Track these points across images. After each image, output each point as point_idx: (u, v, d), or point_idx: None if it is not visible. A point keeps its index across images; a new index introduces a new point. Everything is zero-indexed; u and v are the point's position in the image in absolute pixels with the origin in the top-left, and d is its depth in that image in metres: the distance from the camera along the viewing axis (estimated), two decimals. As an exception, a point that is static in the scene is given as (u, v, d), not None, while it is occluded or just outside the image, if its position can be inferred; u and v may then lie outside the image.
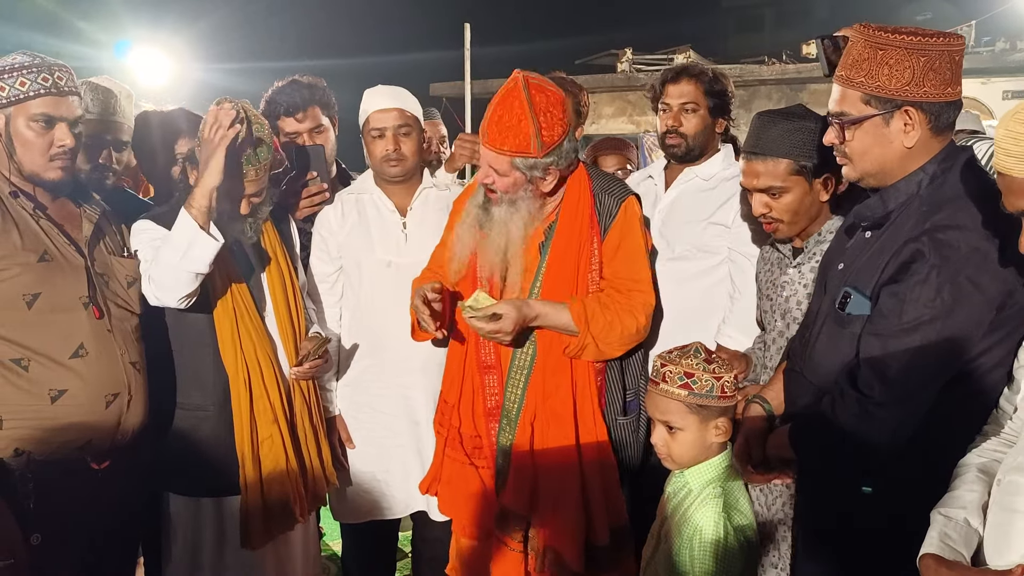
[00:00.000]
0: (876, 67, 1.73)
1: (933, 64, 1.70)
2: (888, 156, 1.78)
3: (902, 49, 1.70)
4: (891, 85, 1.72)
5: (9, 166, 2.14)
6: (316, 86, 3.08)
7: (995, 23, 11.06)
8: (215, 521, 2.49)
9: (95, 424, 2.16)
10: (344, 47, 18.15)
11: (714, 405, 1.92)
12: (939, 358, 1.67)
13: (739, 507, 1.95)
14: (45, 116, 2.12)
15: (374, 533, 3.00)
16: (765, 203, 2.22)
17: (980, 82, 10.00)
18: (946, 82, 1.71)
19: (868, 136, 1.78)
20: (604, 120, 11.13)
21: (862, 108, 1.77)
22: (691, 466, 2.00)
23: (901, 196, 1.78)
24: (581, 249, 2.41)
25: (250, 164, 2.38)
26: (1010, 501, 1.50)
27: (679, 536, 1.97)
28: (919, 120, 1.73)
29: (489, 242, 2.41)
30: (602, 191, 2.45)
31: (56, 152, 2.15)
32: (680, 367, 1.93)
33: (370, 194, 2.88)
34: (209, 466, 2.46)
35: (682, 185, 2.86)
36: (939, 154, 1.76)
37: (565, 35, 18.92)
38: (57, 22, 14.88)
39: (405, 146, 2.80)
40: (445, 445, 2.57)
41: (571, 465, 2.38)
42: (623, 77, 10.94)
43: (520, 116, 2.25)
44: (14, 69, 2.11)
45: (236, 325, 2.45)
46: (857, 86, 1.76)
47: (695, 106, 2.78)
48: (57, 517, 2.10)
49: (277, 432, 2.49)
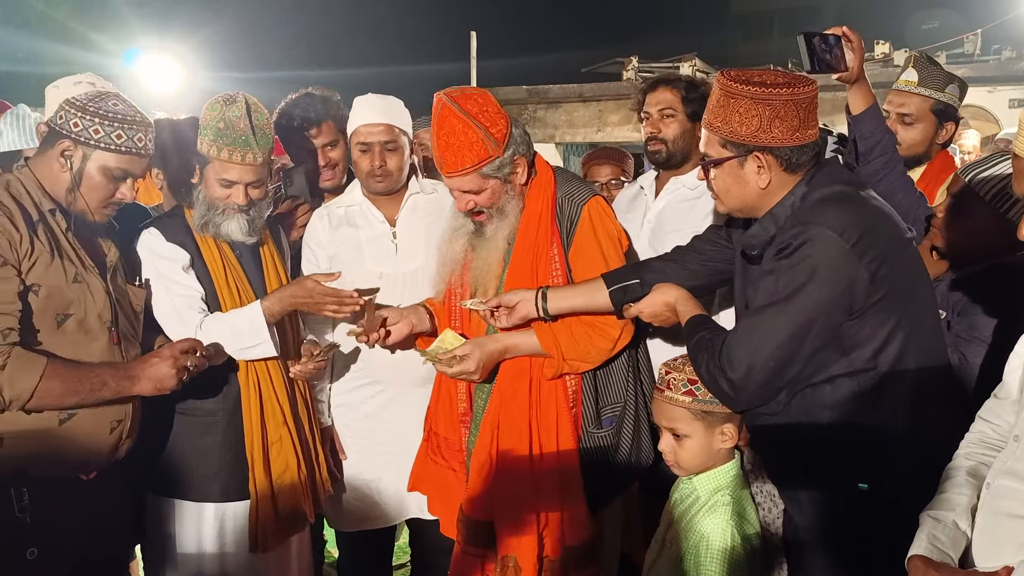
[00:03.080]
0: (729, 114, 1.84)
1: (778, 112, 1.80)
2: (747, 194, 1.91)
3: (749, 99, 1.82)
4: (742, 131, 1.83)
5: (65, 196, 2.13)
6: (330, 100, 3.08)
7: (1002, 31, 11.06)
8: (219, 527, 2.50)
9: (96, 449, 2.15)
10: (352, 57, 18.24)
11: (718, 411, 1.93)
12: (781, 339, 1.77)
13: (747, 516, 1.95)
14: (122, 172, 2.14)
15: (369, 541, 3.00)
16: None
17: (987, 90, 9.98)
18: (794, 128, 1.81)
19: (728, 176, 1.91)
20: (610, 128, 11.15)
21: (720, 151, 1.89)
22: (699, 472, 2.00)
23: (780, 220, 1.87)
24: (538, 258, 2.40)
25: (248, 147, 2.41)
26: (999, 504, 1.52)
27: (685, 542, 1.97)
28: (770, 163, 1.84)
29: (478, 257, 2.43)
30: (564, 197, 2.43)
31: (115, 202, 2.18)
32: (684, 374, 1.95)
33: (359, 205, 2.88)
34: (216, 472, 2.47)
35: (669, 195, 2.88)
36: (805, 176, 1.87)
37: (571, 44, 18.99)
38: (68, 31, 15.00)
39: (391, 161, 2.78)
40: (427, 447, 2.61)
41: (525, 473, 2.36)
42: (629, 85, 10.94)
43: (463, 129, 2.27)
44: (116, 118, 2.11)
45: None
46: (715, 130, 1.88)
47: (672, 111, 2.83)
48: (52, 530, 2.08)
49: (287, 434, 2.52)
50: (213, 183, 2.44)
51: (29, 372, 1.96)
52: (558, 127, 11.94)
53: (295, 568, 2.71)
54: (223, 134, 2.39)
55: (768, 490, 2.21)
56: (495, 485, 2.38)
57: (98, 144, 2.09)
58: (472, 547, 2.43)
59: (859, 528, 1.81)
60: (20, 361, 1.96)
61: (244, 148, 2.40)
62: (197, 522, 2.49)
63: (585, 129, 11.00)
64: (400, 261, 2.78)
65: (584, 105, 11.26)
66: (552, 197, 2.41)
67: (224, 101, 2.43)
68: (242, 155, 2.40)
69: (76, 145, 2.09)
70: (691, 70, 10.43)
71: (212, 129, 2.40)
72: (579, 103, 11.27)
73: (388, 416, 2.83)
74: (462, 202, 2.36)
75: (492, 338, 2.37)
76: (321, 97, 3.07)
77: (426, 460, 2.62)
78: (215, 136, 2.40)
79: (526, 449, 2.37)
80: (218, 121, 2.40)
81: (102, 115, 2.09)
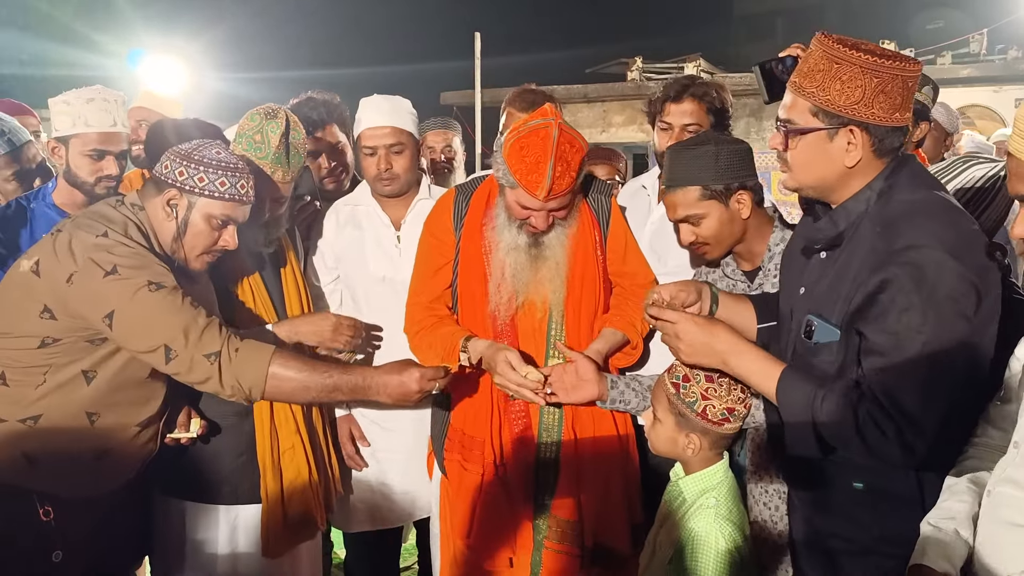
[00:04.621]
0: (828, 80, 1.68)
1: (885, 87, 1.66)
2: (828, 172, 1.75)
3: (856, 67, 1.66)
4: (840, 101, 1.68)
5: (171, 244, 2.14)
6: (331, 103, 3.09)
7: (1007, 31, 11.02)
8: (230, 529, 2.50)
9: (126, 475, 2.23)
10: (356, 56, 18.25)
11: (692, 419, 1.92)
12: (948, 378, 1.60)
13: (732, 518, 1.94)
14: (225, 218, 2.15)
15: (377, 542, 3.00)
16: (690, 231, 2.31)
17: (992, 90, 9.95)
18: (895, 106, 1.68)
19: (810, 149, 1.74)
20: (614, 129, 11.14)
21: (809, 119, 1.73)
22: (667, 457, 2.03)
23: (851, 215, 1.75)
24: (594, 251, 2.48)
25: (278, 165, 2.39)
26: (1000, 513, 1.51)
27: (672, 545, 1.97)
28: (862, 141, 1.70)
29: (543, 267, 2.42)
30: (592, 190, 2.54)
31: (216, 250, 2.19)
32: (685, 368, 1.95)
33: (366, 206, 2.88)
34: (228, 475, 2.47)
35: None
36: (885, 169, 1.74)
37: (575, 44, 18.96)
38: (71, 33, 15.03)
39: (397, 164, 2.78)
40: (482, 481, 2.49)
41: (614, 452, 2.46)
42: (633, 86, 10.93)
43: (576, 148, 2.29)
44: (220, 166, 2.12)
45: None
46: (808, 96, 1.72)
47: (698, 126, 2.71)
48: (75, 533, 2.11)
49: (299, 442, 2.50)
50: None
51: (257, 359, 2.02)
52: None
53: (307, 572, 2.70)
54: (258, 146, 2.36)
55: (775, 489, 2.21)
56: (585, 480, 2.45)
57: (202, 192, 2.10)
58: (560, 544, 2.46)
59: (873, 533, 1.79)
60: (248, 349, 2.02)
61: (275, 164, 2.38)
62: (207, 524, 2.49)
63: (589, 130, 10.98)
64: (403, 266, 2.75)
65: (588, 106, 11.24)
66: (579, 193, 2.48)
67: (265, 114, 2.39)
68: (271, 171, 2.38)
69: (181, 194, 2.10)
70: (695, 70, 10.42)
71: (247, 139, 2.37)
72: (583, 103, 11.25)
73: (393, 419, 2.83)
74: (545, 221, 2.35)
75: (596, 353, 2.42)
76: (323, 101, 3.07)
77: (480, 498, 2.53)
78: (248, 146, 2.37)
79: (611, 429, 2.47)
80: (255, 133, 2.37)
81: (207, 163, 2.11)
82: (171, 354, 1.97)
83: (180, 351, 1.96)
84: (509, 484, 2.47)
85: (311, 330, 2.46)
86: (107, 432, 2.12)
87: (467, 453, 2.53)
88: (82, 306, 1.96)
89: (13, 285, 2.03)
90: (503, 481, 2.47)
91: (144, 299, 1.95)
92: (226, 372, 1.98)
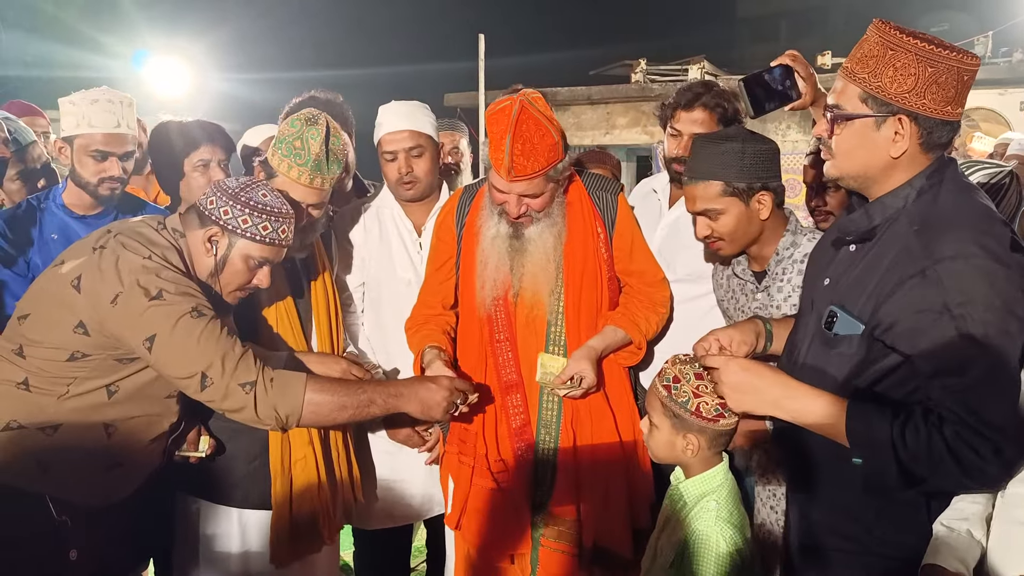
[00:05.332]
0: (882, 67, 1.64)
1: (939, 77, 1.61)
2: (872, 162, 1.71)
3: (912, 54, 1.61)
4: (891, 88, 1.63)
5: (207, 278, 2.16)
6: (333, 102, 3.10)
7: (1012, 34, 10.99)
8: (242, 532, 2.50)
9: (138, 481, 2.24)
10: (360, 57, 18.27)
11: (687, 419, 1.91)
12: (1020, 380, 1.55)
13: (734, 521, 1.93)
14: (263, 260, 2.17)
15: (386, 541, 3.01)
16: (707, 225, 2.28)
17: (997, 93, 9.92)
18: (948, 99, 1.63)
19: (856, 136, 1.70)
20: (618, 131, 11.12)
21: (857, 105, 1.69)
22: (667, 463, 2.02)
23: (888, 211, 1.71)
24: (595, 250, 2.47)
25: (318, 172, 2.38)
26: (1013, 513, 1.50)
27: (673, 548, 1.97)
28: (910, 132, 1.65)
29: (528, 261, 2.41)
30: (598, 189, 2.53)
31: (250, 287, 2.21)
32: (675, 370, 1.95)
33: (390, 209, 2.89)
34: (240, 479, 2.47)
35: (683, 207, 2.83)
36: (927, 168, 1.69)
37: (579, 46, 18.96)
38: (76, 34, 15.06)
39: (418, 167, 2.78)
40: (472, 475, 2.53)
41: (615, 457, 2.45)
42: (637, 88, 10.91)
43: (541, 133, 2.25)
44: (264, 209, 2.13)
45: (275, 343, 2.46)
46: (859, 82, 1.68)
47: None
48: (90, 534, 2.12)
49: (311, 454, 2.48)
50: None
51: (293, 387, 2.03)
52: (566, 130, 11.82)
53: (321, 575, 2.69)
54: (297, 153, 2.35)
55: (784, 493, 2.20)
56: (584, 478, 2.44)
57: (244, 234, 2.12)
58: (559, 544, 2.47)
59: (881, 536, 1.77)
60: (283, 378, 2.04)
61: (314, 172, 2.36)
62: (220, 524, 2.49)
63: (593, 132, 10.97)
64: (423, 268, 2.77)
65: (592, 108, 11.22)
66: (584, 190, 2.47)
67: (306, 120, 2.37)
68: (311, 178, 2.36)
69: (224, 232, 2.12)
70: (699, 72, 10.40)
71: (287, 145, 2.36)
72: (587, 105, 11.23)
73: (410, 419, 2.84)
74: (516, 207, 2.34)
75: (590, 348, 2.42)
76: (325, 100, 3.08)
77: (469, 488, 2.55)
78: (288, 152, 2.36)
79: (612, 431, 2.45)
80: (295, 139, 2.35)
81: (252, 206, 2.12)
82: (207, 382, 1.98)
83: (216, 379, 1.98)
84: (507, 479, 2.47)
85: (317, 371, 2.41)
86: (121, 445, 2.13)
87: (463, 447, 2.57)
88: (122, 328, 1.97)
89: (49, 295, 2.03)
90: (500, 476, 2.48)
91: (186, 326, 1.97)
92: (262, 402, 2.00)
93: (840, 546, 1.82)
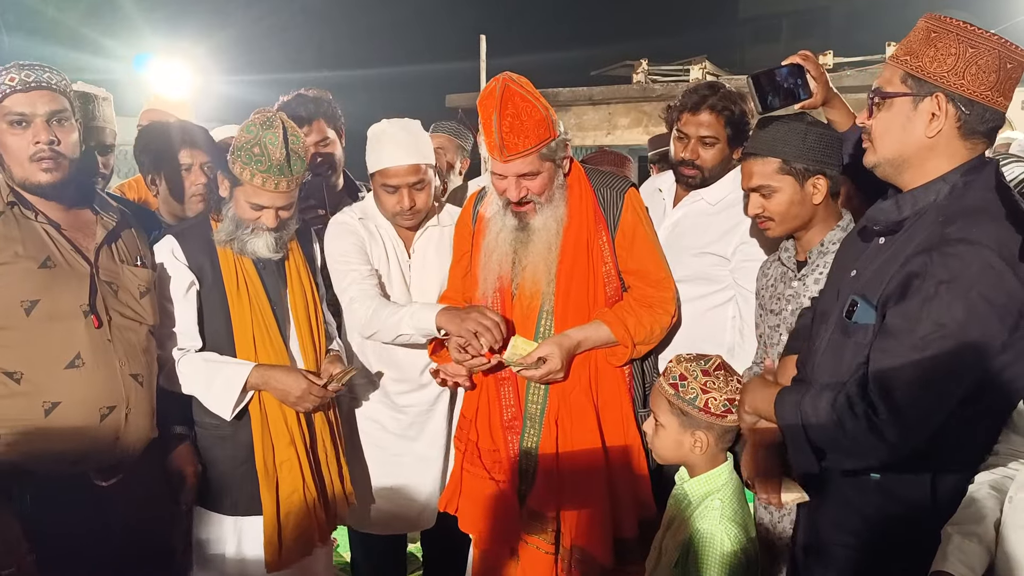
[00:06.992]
0: (923, 48, 1.67)
1: (979, 58, 1.62)
2: (907, 142, 1.71)
3: (953, 34, 1.64)
4: (931, 67, 1.65)
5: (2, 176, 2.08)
6: (321, 99, 3.10)
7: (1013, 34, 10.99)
8: (237, 538, 2.51)
9: (90, 437, 2.10)
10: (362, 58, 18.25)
11: (695, 416, 1.91)
12: (949, 377, 1.57)
13: (738, 520, 1.94)
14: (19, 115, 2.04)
15: (384, 543, 3.01)
16: (759, 203, 2.26)
17: (999, 91, 9.92)
18: (989, 83, 1.64)
19: (894, 117, 1.72)
20: (620, 131, 11.11)
21: (897, 86, 1.72)
22: (671, 463, 2.02)
23: (918, 204, 1.71)
24: (590, 244, 2.44)
25: (282, 175, 2.36)
26: (1021, 519, 1.49)
27: (677, 547, 1.97)
28: (947, 112, 1.66)
29: (531, 251, 2.41)
30: (602, 186, 2.49)
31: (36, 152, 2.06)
32: (680, 368, 1.95)
33: (383, 230, 2.84)
34: (229, 485, 2.47)
35: (687, 206, 2.81)
36: (963, 165, 1.68)
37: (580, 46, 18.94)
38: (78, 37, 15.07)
39: (420, 200, 2.71)
40: (463, 460, 2.57)
41: (596, 460, 2.42)
42: (639, 88, 10.91)
43: (527, 108, 2.26)
44: None
45: (255, 345, 2.45)
46: (900, 64, 1.72)
47: (715, 139, 2.67)
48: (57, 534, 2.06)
49: (294, 455, 2.46)
50: (243, 205, 2.39)
51: None
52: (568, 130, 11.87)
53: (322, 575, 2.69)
54: (257, 160, 2.32)
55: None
56: (565, 477, 2.42)
57: None
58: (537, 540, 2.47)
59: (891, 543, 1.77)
60: None
61: (278, 176, 2.33)
62: (216, 530, 2.51)
63: (595, 132, 10.97)
64: (412, 294, 2.79)
65: (594, 108, 11.22)
66: (589, 187, 2.46)
67: (261, 124, 2.34)
68: (275, 183, 2.34)
69: None
70: (701, 72, 10.40)
71: (246, 153, 2.33)
72: (589, 106, 11.23)
73: (407, 428, 2.84)
74: (516, 190, 2.33)
75: (565, 336, 2.39)
76: (313, 97, 3.09)
77: (461, 476, 2.59)
78: (248, 160, 2.33)
79: (595, 434, 2.42)
80: (253, 145, 2.32)
81: None
82: None
83: None
84: (496, 470, 2.50)
85: (280, 388, 2.40)
86: None
87: (460, 432, 2.63)
88: None
89: None
90: (490, 465, 2.51)
91: None
92: None
93: (847, 546, 1.82)
